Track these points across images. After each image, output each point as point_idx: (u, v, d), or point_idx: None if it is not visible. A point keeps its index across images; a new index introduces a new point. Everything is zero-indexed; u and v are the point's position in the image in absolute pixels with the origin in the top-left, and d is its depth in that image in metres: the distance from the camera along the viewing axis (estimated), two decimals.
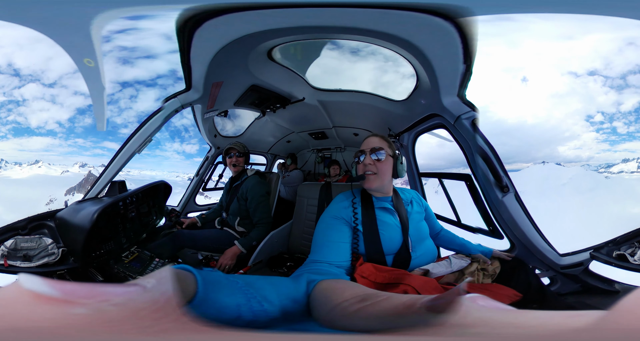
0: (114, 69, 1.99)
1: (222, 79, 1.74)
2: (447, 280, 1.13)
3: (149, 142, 1.62)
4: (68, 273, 1.27)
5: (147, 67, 41.73)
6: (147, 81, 53.04)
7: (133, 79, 49.14)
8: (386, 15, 1.04)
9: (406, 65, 1.46)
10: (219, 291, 0.46)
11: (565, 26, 5.81)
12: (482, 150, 1.35)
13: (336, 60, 1.74)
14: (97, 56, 1.14)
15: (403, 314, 0.40)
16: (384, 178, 1.20)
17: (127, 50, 1.85)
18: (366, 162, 1.20)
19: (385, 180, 1.21)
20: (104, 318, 0.23)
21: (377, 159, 1.19)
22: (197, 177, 2.93)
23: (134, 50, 1.99)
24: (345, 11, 1.05)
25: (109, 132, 5.84)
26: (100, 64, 1.17)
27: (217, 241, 2.11)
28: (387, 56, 1.53)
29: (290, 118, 2.89)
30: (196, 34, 1.18)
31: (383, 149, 1.20)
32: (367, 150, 1.21)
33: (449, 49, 1.12)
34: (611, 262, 1.28)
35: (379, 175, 1.19)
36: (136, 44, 1.57)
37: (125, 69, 36.66)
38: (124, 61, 23.39)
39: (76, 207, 1.37)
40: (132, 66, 37.47)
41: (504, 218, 1.44)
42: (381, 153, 1.19)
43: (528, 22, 1.12)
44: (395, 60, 1.53)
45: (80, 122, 73.45)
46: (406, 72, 1.60)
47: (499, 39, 4.58)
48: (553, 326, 0.24)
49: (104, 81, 1.24)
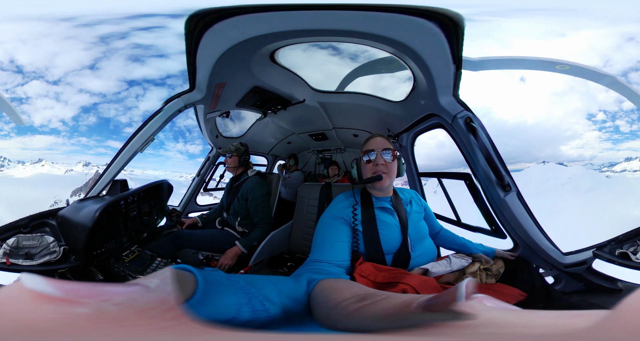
0: None
1: (225, 80, 1.75)
2: (447, 280, 1.13)
3: (151, 141, 1.63)
4: (69, 272, 1.28)
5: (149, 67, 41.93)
6: (148, 80, 53.28)
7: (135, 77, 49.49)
8: (383, 18, 1.06)
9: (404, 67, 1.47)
10: (220, 291, 0.46)
11: (552, 24, 5.82)
12: (484, 148, 1.35)
13: (336, 63, 1.76)
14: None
15: (402, 313, 0.40)
16: (393, 177, 1.23)
17: None
18: (379, 162, 1.19)
19: (393, 179, 1.24)
20: (106, 318, 0.23)
21: (387, 159, 1.20)
22: (199, 177, 2.94)
23: None
24: (345, 14, 1.06)
25: (114, 130, 5.64)
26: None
27: (217, 241, 2.11)
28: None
29: (291, 120, 2.90)
30: (204, 36, 1.19)
31: (391, 150, 1.21)
32: (378, 150, 1.21)
33: (440, 50, 1.15)
34: (614, 260, 1.28)
35: (389, 174, 1.20)
36: None
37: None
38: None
39: (78, 206, 1.37)
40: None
41: (506, 218, 1.43)
42: (390, 154, 1.21)
43: (513, 22, 1.16)
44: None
45: (85, 121, 73.82)
46: (403, 74, 1.61)
47: (487, 39, 4.58)
48: (559, 326, 0.24)
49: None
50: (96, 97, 62.29)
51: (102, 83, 76.18)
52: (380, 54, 1.51)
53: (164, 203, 2.09)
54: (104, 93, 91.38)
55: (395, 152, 1.22)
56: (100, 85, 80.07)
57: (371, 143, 1.24)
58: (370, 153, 1.21)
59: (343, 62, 1.73)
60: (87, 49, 23.04)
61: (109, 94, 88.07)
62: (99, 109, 32.65)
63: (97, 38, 1.47)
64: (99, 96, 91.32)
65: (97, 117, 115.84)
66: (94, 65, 54.62)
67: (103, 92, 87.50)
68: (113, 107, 52.65)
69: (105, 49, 15.28)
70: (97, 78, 63.58)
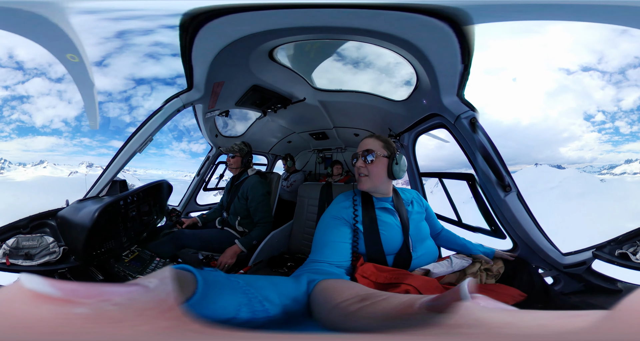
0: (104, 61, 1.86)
1: (223, 79, 1.74)
2: (448, 280, 1.13)
3: (149, 141, 1.63)
4: (69, 272, 1.28)
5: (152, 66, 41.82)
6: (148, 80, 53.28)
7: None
8: (387, 16, 1.05)
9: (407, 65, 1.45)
10: (219, 291, 0.46)
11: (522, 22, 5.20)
12: (483, 149, 1.35)
13: (338, 61, 1.75)
14: (79, 50, 1.07)
15: (402, 314, 0.39)
16: (376, 179, 1.18)
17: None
18: (358, 165, 1.20)
19: (377, 181, 1.19)
20: (105, 318, 0.22)
21: (367, 161, 1.19)
22: (198, 177, 2.94)
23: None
24: (347, 12, 1.04)
25: (116, 131, 5.65)
26: (85, 58, 1.10)
27: (217, 241, 2.11)
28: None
29: (291, 119, 2.89)
30: (198, 34, 1.18)
31: (373, 151, 1.18)
32: (359, 152, 1.21)
33: (448, 49, 1.12)
34: (613, 261, 1.28)
35: (370, 176, 1.18)
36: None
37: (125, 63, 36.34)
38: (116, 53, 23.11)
39: (77, 206, 1.37)
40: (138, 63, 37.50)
41: (506, 218, 1.43)
42: (371, 155, 1.18)
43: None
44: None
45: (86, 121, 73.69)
46: (406, 73, 1.60)
47: (496, 40, 4.41)
48: (554, 326, 0.24)
49: (92, 76, 1.18)
50: (101, 96, 61.84)
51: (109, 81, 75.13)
52: (382, 52, 1.48)
53: (164, 203, 2.09)
54: (109, 92, 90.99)
55: (384, 152, 1.19)
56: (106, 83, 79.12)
57: (360, 145, 1.24)
58: (356, 155, 1.23)
59: (345, 60, 1.72)
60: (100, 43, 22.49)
61: (115, 93, 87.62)
62: (103, 108, 31.76)
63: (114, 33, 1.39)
64: (104, 94, 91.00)
65: (101, 117, 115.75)
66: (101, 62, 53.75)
67: (109, 90, 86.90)
68: (117, 107, 51.28)
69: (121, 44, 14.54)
70: (104, 75, 62.68)
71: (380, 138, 1.23)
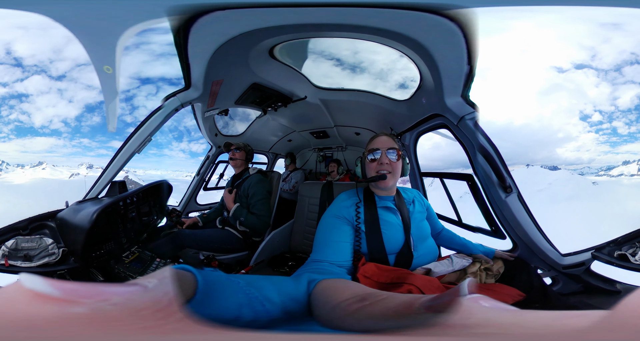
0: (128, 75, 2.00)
1: (222, 77, 1.73)
2: (449, 280, 1.13)
3: (148, 142, 1.62)
4: (68, 273, 1.27)
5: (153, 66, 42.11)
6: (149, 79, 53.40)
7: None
8: (393, 14, 1.03)
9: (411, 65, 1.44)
10: (220, 291, 0.46)
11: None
12: (484, 150, 1.35)
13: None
14: (115, 64, 1.20)
15: (402, 314, 0.39)
16: (397, 177, 1.22)
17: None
18: (383, 161, 1.19)
19: (397, 179, 1.23)
20: (104, 318, 0.22)
21: (392, 158, 1.19)
22: (198, 177, 2.93)
23: None
24: (350, 10, 1.03)
25: (116, 132, 5.65)
26: (118, 71, 1.23)
27: (218, 240, 2.11)
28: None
29: (291, 117, 2.88)
30: (192, 30, 1.16)
31: (396, 149, 1.20)
32: (383, 149, 1.20)
33: (455, 50, 1.11)
34: (612, 262, 1.27)
35: (393, 174, 1.20)
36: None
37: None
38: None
39: (76, 207, 1.37)
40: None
41: (506, 218, 1.43)
42: (394, 153, 1.20)
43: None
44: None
45: (87, 121, 73.07)
46: (410, 72, 1.59)
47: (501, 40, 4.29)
48: (556, 326, 0.24)
49: (118, 87, 1.30)
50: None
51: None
52: (386, 51, 1.45)
53: (164, 203, 2.08)
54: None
55: (400, 151, 1.22)
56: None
57: (376, 142, 1.23)
58: (375, 152, 1.20)
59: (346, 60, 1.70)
60: None
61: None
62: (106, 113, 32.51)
63: None
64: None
65: (101, 117, 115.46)
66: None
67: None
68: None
69: None
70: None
71: (393, 137, 1.26)
